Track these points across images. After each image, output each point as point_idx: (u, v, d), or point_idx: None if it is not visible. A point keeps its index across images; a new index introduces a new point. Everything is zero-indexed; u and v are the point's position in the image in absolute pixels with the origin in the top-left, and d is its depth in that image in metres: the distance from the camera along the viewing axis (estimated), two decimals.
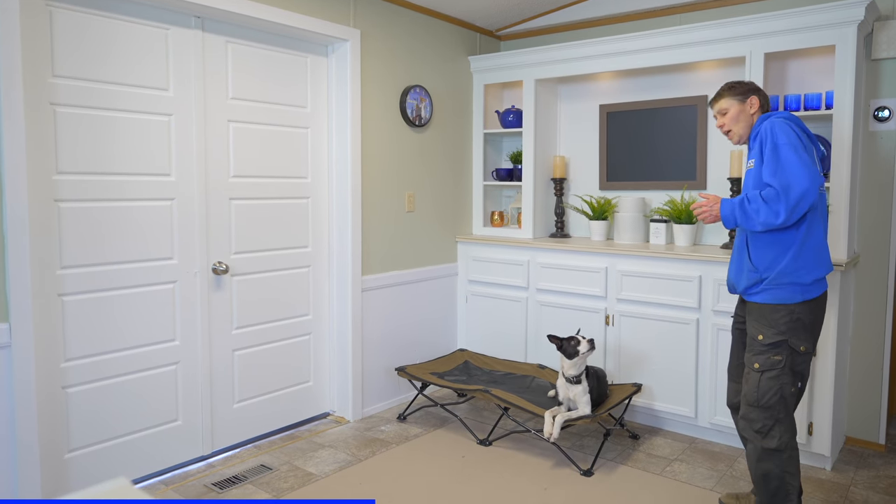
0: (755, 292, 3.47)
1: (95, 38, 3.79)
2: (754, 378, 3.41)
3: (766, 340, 3.40)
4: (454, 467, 4.38)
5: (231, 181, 4.48)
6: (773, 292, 3.40)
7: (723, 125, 3.68)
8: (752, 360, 3.44)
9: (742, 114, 3.63)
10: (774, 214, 3.25)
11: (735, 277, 3.61)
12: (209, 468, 4.35)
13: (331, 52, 5.02)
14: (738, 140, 3.68)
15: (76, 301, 3.78)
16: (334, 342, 5.21)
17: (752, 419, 3.42)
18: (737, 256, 3.60)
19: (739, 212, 3.38)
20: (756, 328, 3.44)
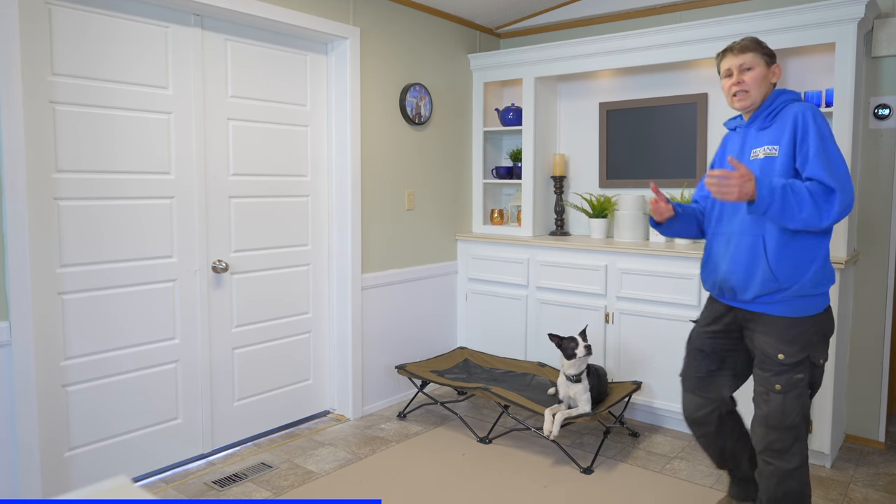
0: (769, 302, 3.09)
1: (95, 36, 3.80)
2: (777, 400, 3.08)
3: (789, 360, 3.05)
4: (454, 465, 4.39)
5: (231, 179, 4.48)
6: (795, 303, 3.05)
7: (741, 83, 3.17)
8: (771, 381, 3.09)
9: (764, 79, 3.19)
10: (819, 216, 2.87)
11: (740, 282, 3.15)
12: (209, 466, 4.36)
13: (330, 50, 5.02)
14: (747, 107, 3.22)
15: (76, 299, 3.79)
16: (334, 340, 5.21)
17: (772, 440, 3.11)
18: (745, 259, 3.13)
19: (780, 199, 2.88)
20: (772, 345, 3.08)
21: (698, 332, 3.49)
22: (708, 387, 3.46)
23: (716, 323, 3.40)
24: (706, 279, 3.42)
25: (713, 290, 3.38)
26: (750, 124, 3.27)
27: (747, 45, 3.21)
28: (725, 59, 3.27)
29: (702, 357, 3.45)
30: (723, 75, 3.29)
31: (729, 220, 3.26)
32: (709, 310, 3.47)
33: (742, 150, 3.27)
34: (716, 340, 3.41)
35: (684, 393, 3.56)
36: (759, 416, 3.18)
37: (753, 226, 3.12)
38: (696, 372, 3.49)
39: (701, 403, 3.47)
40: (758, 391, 3.18)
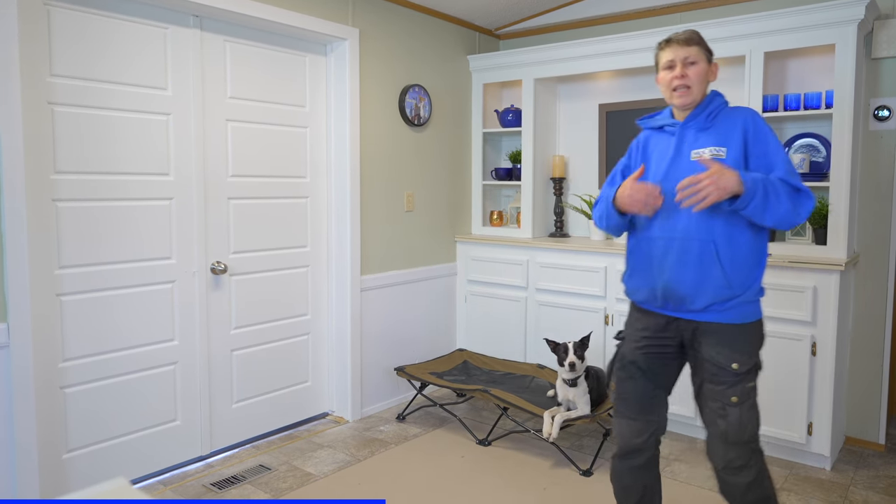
0: (721, 310, 2.89)
1: (94, 37, 3.80)
2: (734, 414, 2.87)
3: (743, 368, 2.87)
4: (453, 467, 4.39)
5: (230, 180, 4.49)
6: (744, 309, 2.91)
7: (685, 77, 2.94)
8: (727, 393, 2.87)
9: (706, 77, 3.00)
10: (796, 212, 2.78)
11: (689, 291, 2.90)
12: (208, 468, 4.36)
13: (329, 52, 5.03)
14: (687, 104, 2.97)
15: (74, 301, 3.80)
16: (333, 342, 5.22)
17: (731, 458, 2.91)
18: (695, 266, 2.88)
19: (763, 191, 2.71)
20: (726, 355, 2.88)
21: (632, 348, 3.13)
22: (649, 409, 3.13)
23: (654, 336, 3.08)
24: (639, 288, 3.11)
25: (650, 300, 3.06)
26: (686, 124, 3.01)
27: (693, 38, 3.00)
28: (668, 50, 3.01)
29: (639, 376, 3.11)
30: (662, 67, 3.03)
31: (667, 222, 2.96)
32: (642, 322, 3.13)
33: (678, 150, 3.00)
34: (653, 356, 3.09)
35: (620, 420, 3.17)
36: (716, 434, 2.93)
37: (701, 230, 2.88)
38: (633, 394, 3.13)
39: (641, 429, 3.12)
40: (712, 407, 2.93)
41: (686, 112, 3.02)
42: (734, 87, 5.01)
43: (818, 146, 4.74)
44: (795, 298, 4.37)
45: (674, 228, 2.93)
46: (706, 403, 2.96)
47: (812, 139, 4.77)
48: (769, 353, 4.37)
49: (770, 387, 4.44)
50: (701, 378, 2.98)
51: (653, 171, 3.07)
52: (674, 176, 2.93)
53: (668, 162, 3.01)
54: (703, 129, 2.97)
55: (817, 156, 4.73)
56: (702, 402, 3.01)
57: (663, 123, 3.12)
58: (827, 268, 4.26)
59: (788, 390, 4.41)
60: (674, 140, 3.03)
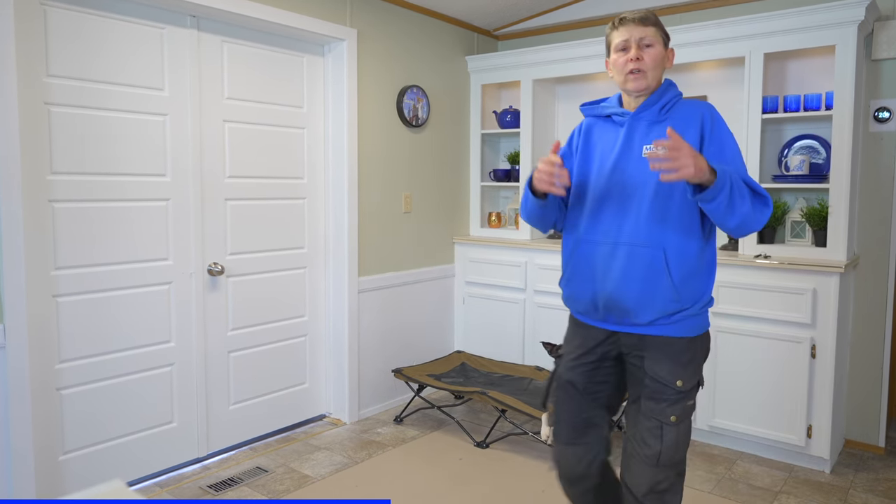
0: (667, 323, 2.64)
1: (90, 38, 3.81)
2: (671, 434, 2.63)
3: (687, 385, 2.65)
4: (451, 470, 4.40)
5: (227, 182, 4.49)
6: (691, 322, 2.66)
7: (640, 59, 2.65)
8: (667, 412, 2.63)
9: (662, 62, 2.73)
10: (755, 216, 2.53)
11: (635, 303, 2.62)
12: (204, 470, 4.37)
13: (327, 52, 5.03)
14: (642, 90, 2.69)
15: (71, 302, 3.80)
16: (330, 344, 5.22)
17: (658, 481, 2.67)
18: (642, 275, 2.61)
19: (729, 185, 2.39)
20: (670, 371, 2.63)
21: (569, 365, 2.87)
22: (589, 431, 2.87)
23: (591, 352, 2.82)
24: (578, 297, 2.83)
25: (589, 311, 2.79)
26: (638, 115, 2.72)
27: (650, 17, 2.71)
28: (621, 30, 2.71)
29: (577, 396, 2.84)
30: (614, 49, 2.73)
31: (612, 224, 2.69)
32: (580, 336, 2.87)
33: (628, 143, 2.71)
34: (592, 373, 2.83)
35: (559, 446, 2.92)
36: (645, 457, 2.66)
37: (651, 235, 2.61)
38: (572, 416, 2.87)
39: (582, 454, 2.86)
40: (647, 427, 2.66)
41: (638, 101, 2.74)
42: (734, 89, 5.04)
43: (818, 148, 4.75)
44: (795, 300, 4.38)
45: (619, 232, 2.66)
46: (640, 421, 2.69)
47: (812, 140, 4.78)
48: (769, 354, 4.43)
49: (769, 389, 4.46)
50: (638, 394, 2.72)
51: (597, 164, 2.79)
52: (621, 172, 2.68)
53: (616, 156, 2.71)
54: (657, 121, 2.69)
55: (817, 157, 4.74)
56: (634, 419, 2.75)
57: (611, 112, 2.81)
58: (827, 270, 4.27)
59: (788, 393, 4.42)
60: (622, 132, 2.74)
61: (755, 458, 4.58)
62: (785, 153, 4.84)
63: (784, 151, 4.85)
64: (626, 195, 2.66)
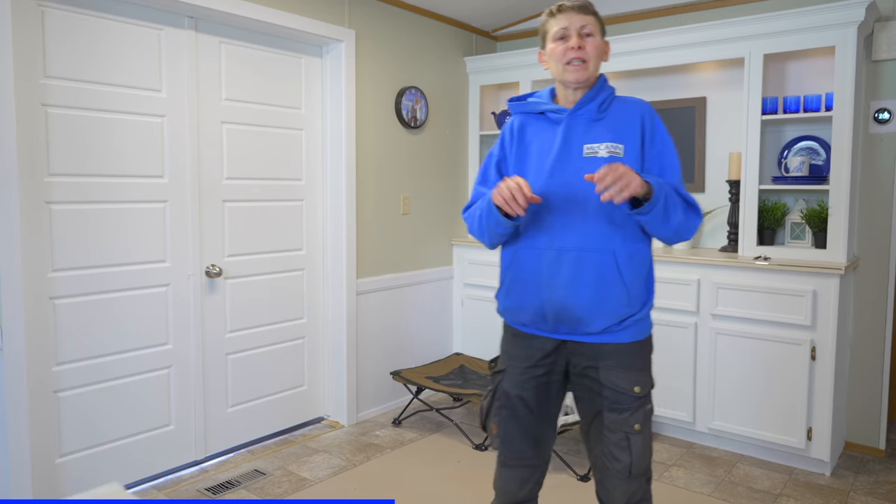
0: (619, 330, 2.56)
1: (88, 39, 3.83)
2: (638, 443, 2.55)
3: (644, 390, 2.58)
4: (450, 472, 4.41)
5: (225, 183, 4.50)
6: (640, 326, 2.61)
7: (582, 48, 2.52)
8: (630, 421, 2.54)
9: (601, 53, 2.63)
10: (688, 225, 2.53)
11: (587, 311, 2.51)
12: (202, 473, 4.37)
13: (325, 53, 5.04)
14: (582, 81, 2.56)
15: (68, 304, 3.81)
16: (329, 346, 5.23)
17: (633, 492, 2.60)
18: (593, 281, 2.51)
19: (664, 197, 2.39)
20: (626, 378, 2.55)
21: (516, 380, 2.69)
22: (536, 451, 2.74)
23: (539, 364, 2.67)
24: (522, 307, 2.66)
25: (536, 321, 2.63)
26: (576, 112, 2.59)
27: (589, 7, 2.60)
28: (560, 18, 2.58)
29: (525, 413, 2.68)
30: (552, 38, 2.59)
31: (556, 229, 2.57)
32: (523, 348, 2.70)
33: (566, 143, 2.58)
34: (544, 387, 2.69)
35: (503, 469, 2.76)
36: (617, 471, 2.57)
37: (601, 238, 2.52)
38: (521, 435, 2.70)
39: (527, 477, 2.74)
40: (612, 440, 2.56)
41: (576, 95, 2.61)
42: (734, 90, 5.05)
43: (818, 149, 4.76)
44: (795, 302, 4.39)
45: (564, 238, 2.54)
46: (604, 437, 2.58)
47: (812, 142, 4.79)
48: (769, 356, 4.45)
49: (769, 391, 4.47)
50: (598, 408, 2.60)
51: (534, 165, 2.63)
52: (562, 173, 2.56)
53: (555, 157, 2.58)
54: (596, 119, 2.58)
55: (817, 159, 4.75)
56: (597, 436, 2.62)
57: (546, 108, 2.67)
58: (826, 271, 4.28)
59: (788, 395, 4.43)
60: (560, 131, 2.60)
61: (755, 461, 4.59)
62: (785, 154, 4.85)
63: (784, 153, 4.86)
64: (569, 198, 2.54)
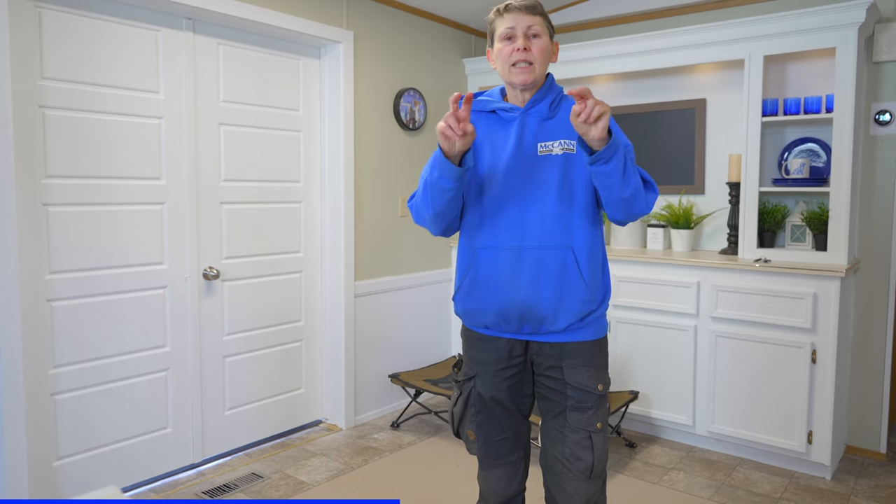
0: (580, 327, 2.57)
1: (85, 40, 3.85)
2: (600, 442, 2.56)
3: (606, 388, 2.61)
4: (448, 475, 4.42)
5: (222, 185, 4.52)
6: (599, 323, 2.63)
7: (527, 49, 2.51)
8: (593, 420, 2.56)
9: (548, 54, 2.60)
10: (645, 199, 2.51)
11: (550, 310, 2.52)
12: (199, 476, 4.39)
13: (323, 55, 5.06)
14: (529, 83, 2.54)
15: (65, 306, 3.83)
16: (327, 348, 5.24)
17: (592, 493, 2.61)
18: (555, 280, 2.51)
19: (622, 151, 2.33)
20: (590, 376, 2.57)
21: (488, 383, 2.69)
22: (517, 446, 2.80)
23: (509, 365, 2.68)
24: (483, 310, 2.63)
25: (498, 322, 2.62)
26: (528, 111, 2.60)
27: (537, 7, 2.57)
28: (506, 17, 2.56)
29: (500, 412, 2.72)
30: (500, 37, 2.58)
31: (514, 228, 2.56)
32: (489, 351, 2.69)
33: (520, 141, 2.59)
34: (517, 386, 2.71)
35: (489, 471, 2.80)
36: (578, 472, 2.57)
37: (558, 236, 2.52)
38: (498, 435, 2.74)
39: (512, 473, 2.80)
40: (576, 440, 2.57)
41: (525, 95, 2.61)
42: (733, 91, 5.06)
43: (818, 151, 4.78)
44: (795, 305, 4.39)
45: (523, 236, 2.54)
46: (566, 436, 2.59)
47: (812, 144, 4.81)
48: (769, 359, 4.45)
49: (769, 394, 4.48)
50: (561, 407, 2.61)
51: (487, 165, 2.63)
52: (517, 172, 2.56)
53: (510, 155, 2.58)
54: (548, 118, 2.59)
55: (817, 161, 4.77)
56: (558, 435, 2.63)
57: (497, 107, 2.66)
58: (827, 274, 4.29)
59: (788, 398, 4.44)
60: (513, 130, 2.61)
61: (755, 465, 4.60)
62: (785, 156, 4.87)
63: (784, 155, 4.87)
64: (526, 196, 2.54)
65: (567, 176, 2.53)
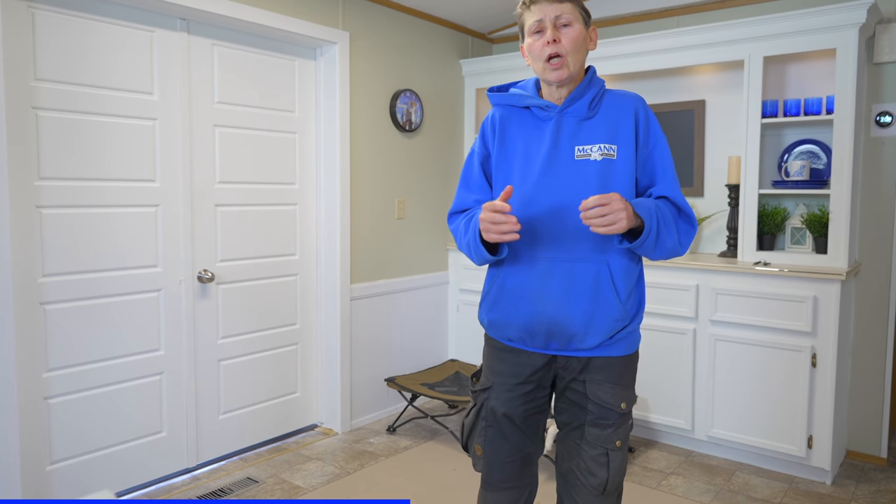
0: (611, 343, 2.46)
1: (79, 41, 3.87)
2: (617, 460, 2.49)
3: (629, 407, 2.52)
4: (445, 480, 4.44)
5: (217, 187, 4.54)
6: (631, 339, 2.53)
7: (557, 41, 2.38)
8: (612, 437, 2.48)
9: (584, 44, 2.45)
10: (681, 245, 2.46)
11: (581, 326, 2.42)
12: (194, 481, 4.41)
13: (319, 56, 5.09)
14: (564, 79, 2.42)
15: (58, 310, 3.85)
16: (322, 352, 5.27)
17: None
18: (588, 294, 2.41)
19: (656, 226, 2.31)
20: (613, 393, 2.48)
21: (503, 397, 2.60)
22: (523, 472, 2.69)
23: (528, 381, 2.58)
24: (509, 323, 2.54)
25: (524, 337, 2.53)
26: (565, 110, 2.48)
27: None
28: (533, 9, 2.44)
29: (515, 431, 2.62)
30: (528, 32, 2.48)
31: (546, 237, 2.46)
32: (510, 364, 2.60)
33: (555, 144, 2.46)
34: (530, 403, 2.61)
35: (490, 493, 2.71)
36: (591, 487, 2.50)
37: (594, 247, 2.41)
38: (509, 456, 2.63)
39: (516, 497, 2.70)
40: (591, 455, 2.50)
41: (561, 91, 2.49)
42: (733, 93, 5.09)
43: (819, 153, 4.80)
44: (795, 308, 4.42)
45: (556, 247, 2.43)
46: (583, 450, 2.52)
47: (812, 146, 4.84)
48: (769, 363, 4.48)
49: (769, 399, 4.50)
50: (580, 421, 2.54)
51: (520, 168, 2.52)
52: (552, 177, 2.45)
53: (544, 158, 2.46)
54: (587, 118, 2.46)
55: (818, 163, 4.79)
56: (575, 448, 2.57)
57: (532, 104, 2.53)
58: (827, 277, 4.31)
59: (788, 402, 4.46)
60: (549, 130, 2.48)
61: (754, 469, 4.63)
62: (785, 158, 4.90)
63: (784, 156, 4.90)
64: (560, 204, 2.41)
65: (606, 184, 2.40)
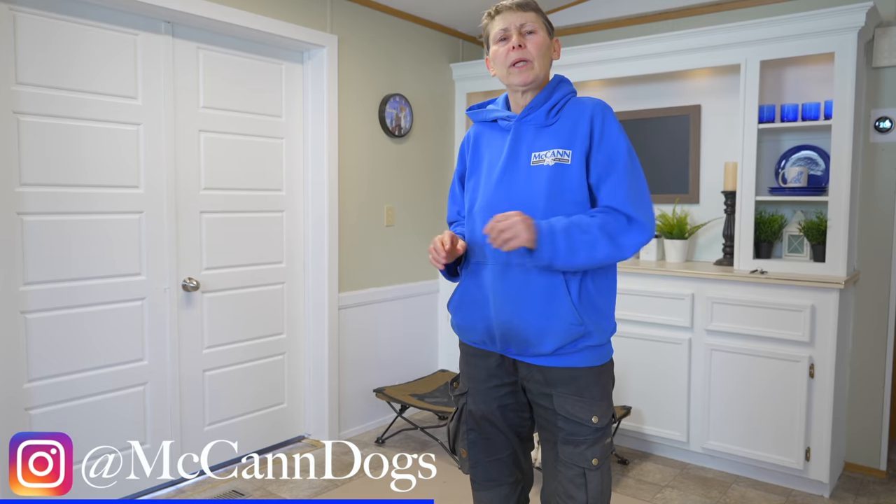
0: (573, 351, 2.48)
1: (61, 44, 3.92)
2: (595, 480, 2.50)
3: (604, 420, 2.51)
4: (435, 494, 4.46)
5: (202, 193, 4.59)
6: (599, 349, 2.54)
7: (522, 46, 2.51)
8: (587, 455, 2.48)
9: (548, 52, 2.60)
10: (620, 250, 2.41)
11: (534, 330, 2.47)
12: (178, 493, 4.44)
13: (307, 59, 5.14)
14: (529, 82, 2.55)
15: (40, 318, 3.89)
16: (310, 362, 5.31)
17: None
18: (539, 298, 2.47)
19: (565, 245, 2.34)
20: (583, 407, 2.48)
21: (479, 400, 2.69)
22: (511, 469, 2.76)
23: (500, 380, 2.66)
24: (470, 326, 2.69)
25: (486, 340, 2.64)
26: (525, 116, 2.59)
27: (530, 4, 2.58)
28: (498, 19, 2.58)
29: (495, 433, 2.69)
30: (494, 40, 2.60)
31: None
32: (481, 368, 2.70)
33: (513, 152, 2.58)
34: (504, 403, 2.67)
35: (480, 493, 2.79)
36: None
37: None
38: (492, 456, 2.72)
39: (508, 494, 2.76)
40: (567, 476, 2.52)
41: (524, 99, 2.61)
42: (729, 97, 5.13)
43: (817, 159, 4.86)
44: (792, 318, 4.45)
45: (511, 252, 2.46)
46: (558, 471, 2.55)
47: (810, 151, 4.89)
48: (766, 373, 4.50)
49: (766, 410, 4.54)
50: (553, 439, 2.57)
51: (484, 177, 2.66)
52: (508, 183, 2.56)
53: (502, 167, 2.58)
54: (545, 125, 2.56)
55: (816, 169, 4.84)
56: (552, 469, 2.61)
57: (497, 116, 2.68)
58: (825, 286, 4.35)
59: (785, 414, 4.50)
60: (508, 139, 2.61)
61: (751, 482, 4.67)
62: (782, 164, 4.95)
63: (781, 163, 4.96)
64: (515, 209, 2.45)
65: (557, 189, 2.47)
